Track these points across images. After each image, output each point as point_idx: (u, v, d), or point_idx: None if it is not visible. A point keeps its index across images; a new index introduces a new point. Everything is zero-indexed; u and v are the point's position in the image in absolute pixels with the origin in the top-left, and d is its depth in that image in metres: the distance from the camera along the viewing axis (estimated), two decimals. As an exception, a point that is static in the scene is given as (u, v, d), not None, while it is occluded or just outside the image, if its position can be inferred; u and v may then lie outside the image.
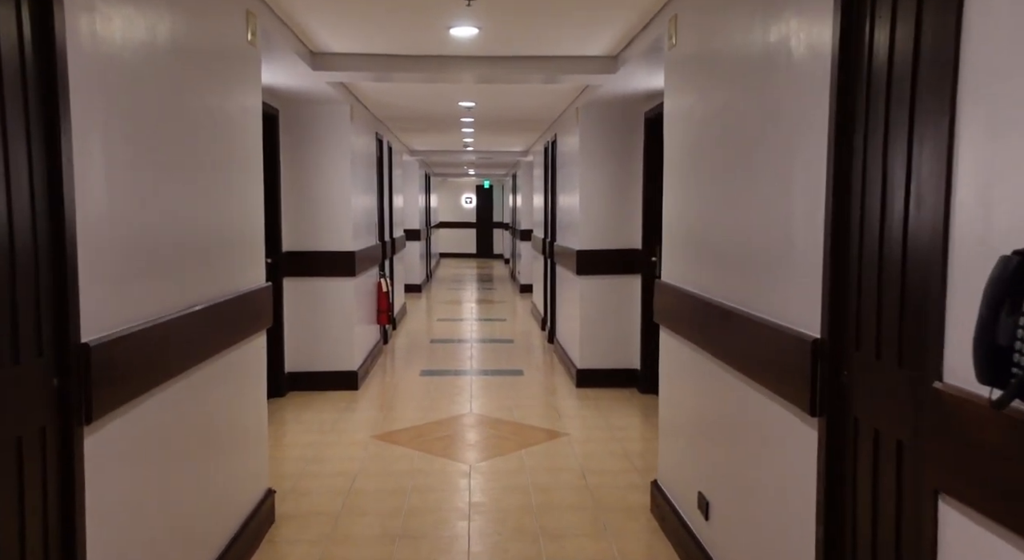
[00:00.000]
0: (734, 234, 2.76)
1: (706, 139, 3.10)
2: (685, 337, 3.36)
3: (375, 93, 6.60)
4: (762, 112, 2.50)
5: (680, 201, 3.53)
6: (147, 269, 2.36)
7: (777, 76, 2.37)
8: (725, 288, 2.86)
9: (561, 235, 7.99)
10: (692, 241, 3.31)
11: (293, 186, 6.41)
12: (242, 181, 3.35)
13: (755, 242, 2.55)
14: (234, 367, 3.21)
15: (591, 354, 6.68)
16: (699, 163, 3.19)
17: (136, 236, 2.28)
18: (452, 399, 6.28)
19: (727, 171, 2.82)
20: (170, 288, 2.52)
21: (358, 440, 5.13)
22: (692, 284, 3.30)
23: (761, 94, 2.51)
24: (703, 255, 3.14)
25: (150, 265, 2.38)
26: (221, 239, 3.05)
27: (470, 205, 25.36)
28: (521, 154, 13.25)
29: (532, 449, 4.95)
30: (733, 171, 2.76)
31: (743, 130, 2.67)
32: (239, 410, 3.30)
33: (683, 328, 3.39)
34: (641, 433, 5.31)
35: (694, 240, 3.28)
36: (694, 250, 3.27)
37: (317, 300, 6.52)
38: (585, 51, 4.97)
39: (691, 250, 3.32)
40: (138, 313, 2.28)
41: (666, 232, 3.79)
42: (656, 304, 3.82)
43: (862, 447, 1.89)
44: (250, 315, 3.38)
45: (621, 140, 6.61)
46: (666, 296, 3.66)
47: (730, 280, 2.81)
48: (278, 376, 6.31)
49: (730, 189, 2.79)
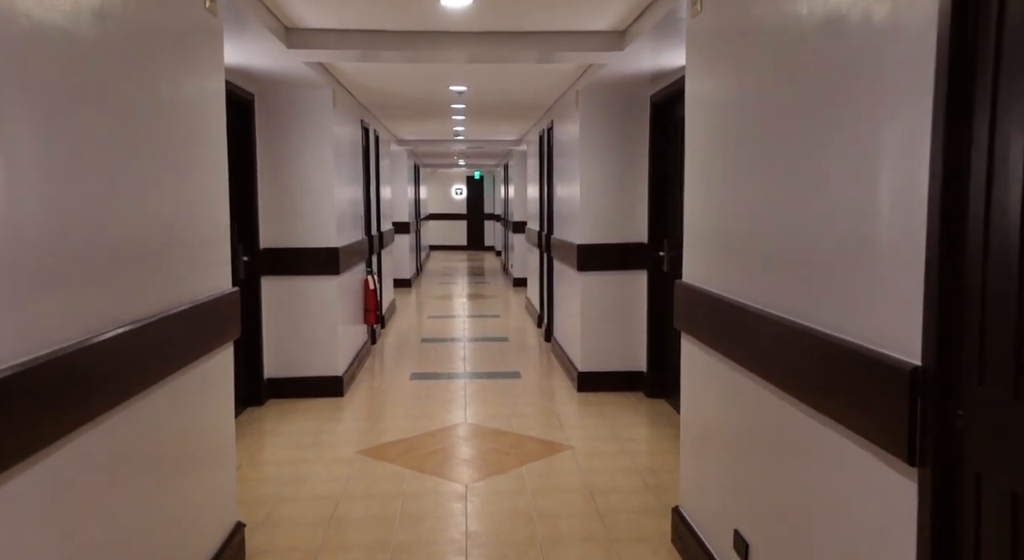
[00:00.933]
0: (783, 229, 2.30)
1: (745, 121, 2.63)
2: (715, 347, 2.90)
3: (359, 76, 6.11)
4: (825, 86, 2.04)
5: (708, 192, 3.07)
6: (64, 280, 1.88)
7: (849, 41, 1.91)
8: (769, 293, 2.41)
9: (559, 228, 7.53)
10: (724, 237, 2.85)
11: (271, 178, 5.92)
12: (201, 172, 2.87)
13: (814, 239, 2.09)
14: (192, 388, 2.74)
15: (593, 356, 6.23)
16: (735, 149, 2.73)
17: (48, 239, 1.81)
18: (445, 406, 5.82)
19: (775, 157, 2.36)
20: (98, 302, 2.05)
21: (342, 456, 4.67)
22: (723, 287, 2.84)
23: (824, 65, 2.05)
24: (739, 254, 2.68)
25: (68, 275, 1.90)
26: (171, 239, 2.57)
27: (460, 196, 24.90)
28: (514, 143, 12.76)
29: (533, 465, 4.50)
30: (784, 157, 2.30)
31: (798, 109, 2.21)
32: (199, 437, 2.83)
33: (712, 337, 2.94)
34: (652, 445, 4.87)
35: (727, 236, 2.82)
36: (727, 248, 2.81)
37: (299, 300, 6.04)
38: (589, 25, 4.49)
39: (722, 248, 2.87)
40: (49, 337, 1.81)
41: (689, 227, 3.33)
42: (677, 308, 3.36)
43: (989, 515, 1.44)
44: (211, 327, 2.91)
45: (625, 126, 6.14)
46: (689, 300, 3.20)
47: (776, 283, 2.36)
48: (256, 383, 5.83)
49: (779, 177, 2.33)
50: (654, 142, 5.87)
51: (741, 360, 2.64)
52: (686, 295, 3.25)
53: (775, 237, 2.35)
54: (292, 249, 5.98)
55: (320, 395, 6.06)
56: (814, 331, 2.05)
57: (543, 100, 7.59)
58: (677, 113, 5.51)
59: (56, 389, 1.79)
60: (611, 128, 6.15)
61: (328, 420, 5.45)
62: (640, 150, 6.09)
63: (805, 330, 2.11)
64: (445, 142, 12.69)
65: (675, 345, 5.64)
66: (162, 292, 2.47)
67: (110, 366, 2.07)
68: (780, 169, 2.32)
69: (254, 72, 5.19)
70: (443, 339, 8.74)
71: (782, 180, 2.30)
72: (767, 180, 2.42)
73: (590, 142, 6.17)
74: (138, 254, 2.30)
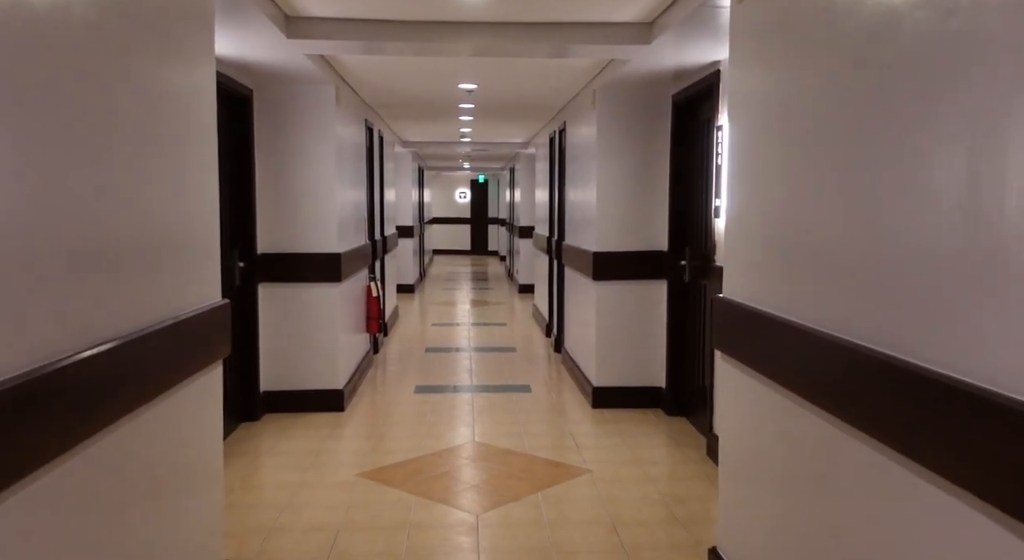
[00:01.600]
0: (870, 242, 1.96)
1: (816, 118, 2.29)
2: (764, 372, 2.56)
3: (364, 71, 5.78)
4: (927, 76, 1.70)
5: (757, 198, 2.73)
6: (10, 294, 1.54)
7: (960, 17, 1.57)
8: (843, 315, 2.07)
9: (572, 234, 7.19)
10: (781, 249, 2.51)
11: (270, 179, 5.58)
12: (187, 170, 2.54)
13: (917, 254, 1.75)
14: (173, 416, 2.40)
15: (609, 370, 5.88)
16: (802, 149, 2.39)
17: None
18: (451, 423, 5.47)
19: (860, 159, 2.02)
20: (53, 320, 1.71)
21: (343, 479, 4.32)
22: (778, 305, 2.50)
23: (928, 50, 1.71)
24: (803, 268, 2.34)
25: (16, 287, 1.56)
26: (148, 245, 2.24)
27: (464, 200, 24.58)
28: (521, 146, 12.43)
29: (549, 492, 4.15)
30: (873, 158, 1.95)
31: (894, 102, 1.87)
32: (180, 471, 2.49)
33: (761, 361, 2.60)
34: (676, 469, 4.52)
35: (785, 248, 2.48)
36: (785, 261, 2.47)
37: (298, 309, 5.70)
38: (613, 16, 4.16)
39: (780, 261, 2.52)
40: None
41: (730, 236, 2.99)
42: (718, 327, 3.02)
43: None
44: (196, 344, 2.57)
45: (644, 127, 5.80)
46: (732, 318, 2.86)
47: (856, 305, 2.01)
48: (252, 397, 5.49)
49: (862, 182, 1.98)
50: (675, 144, 5.53)
51: (799, 389, 2.30)
52: (728, 313, 2.91)
53: (859, 250, 2.01)
54: (291, 254, 5.65)
55: (320, 409, 5.72)
56: (910, 365, 1.71)
57: (556, 100, 7.26)
58: (702, 114, 5.18)
59: (7, 424, 1.45)
60: (630, 129, 5.81)
61: (328, 438, 5.11)
62: (660, 153, 5.75)
63: (892, 362, 1.77)
64: (451, 144, 12.37)
65: (696, 360, 5.30)
66: (137, 307, 2.13)
67: (70, 397, 1.73)
68: (866, 171, 1.97)
69: (252, 65, 4.86)
70: (448, 348, 8.40)
71: (866, 184, 1.96)
72: (846, 185, 2.07)
73: (608, 144, 5.83)
74: (107, 262, 1.96)
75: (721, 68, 4.56)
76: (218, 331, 2.80)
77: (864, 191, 1.97)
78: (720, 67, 4.57)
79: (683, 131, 5.49)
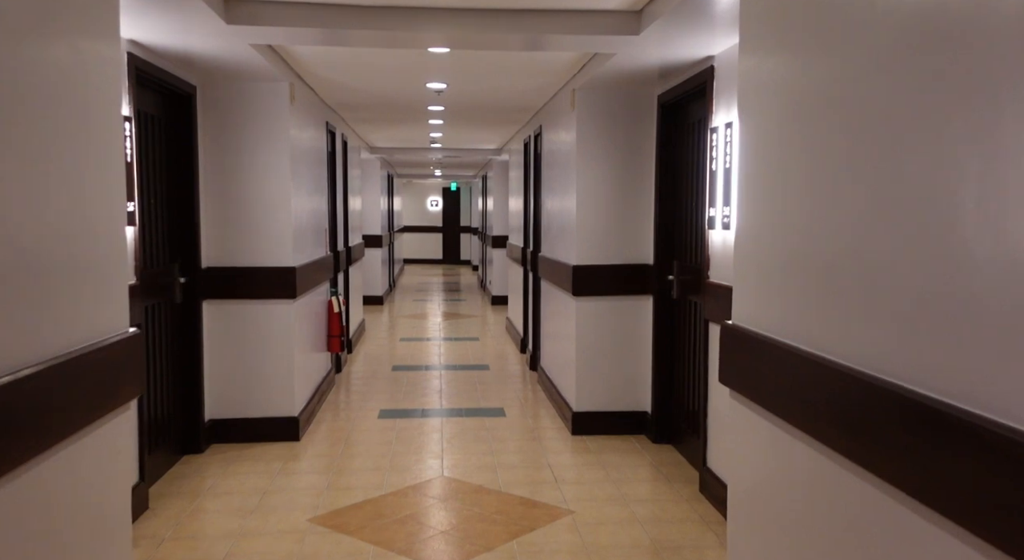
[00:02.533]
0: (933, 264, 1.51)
1: (853, 108, 1.84)
2: (785, 417, 2.11)
3: (322, 67, 5.28)
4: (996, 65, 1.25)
5: (775, 209, 2.28)
6: None
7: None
8: (899, 355, 1.61)
9: (548, 245, 6.72)
10: (809, 270, 2.06)
11: (216, 186, 5.06)
12: (81, 170, 2.04)
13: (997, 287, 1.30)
14: (63, 477, 1.88)
15: (590, 394, 5.42)
16: (834, 149, 1.94)
17: None
18: (418, 454, 4.97)
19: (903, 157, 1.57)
20: None
21: (293, 526, 3.81)
22: (809, 339, 2.04)
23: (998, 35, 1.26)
24: (841, 295, 1.89)
25: None
26: (21, 267, 1.73)
27: (436, 208, 24.08)
28: (494, 152, 11.97)
29: (527, 538, 3.67)
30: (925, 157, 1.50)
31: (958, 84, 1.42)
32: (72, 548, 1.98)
33: (780, 404, 2.14)
34: (667, 509, 4.05)
35: (814, 269, 2.03)
36: (819, 286, 2.01)
37: (247, 328, 5.17)
38: (598, 4, 3.71)
39: (806, 283, 2.07)
40: None
41: (742, 253, 2.53)
42: (726, 359, 2.57)
43: None
44: (94, 386, 2.06)
45: (628, 130, 5.36)
46: (745, 350, 2.41)
47: (916, 343, 1.56)
48: (194, 427, 4.95)
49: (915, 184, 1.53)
50: (662, 149, 5.10)
51: (835, 443, 1.85)
52: (739, 344, 2.45)
53: (919, 278, 1.56)
54: (240, 269, 5.12)
55: (272, 439, 5.19)
56: (973, 417, 1.27)
57: (531, 101, 6.81)
58: (693, 115, 4.75)
59: None
60: (612, 132, 5.37)
61: (279, 473, 4.59)
62: (646, 158, 5.32)
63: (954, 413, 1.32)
64: (421, 150, 11.88)
65: (686, 383, 4.85)
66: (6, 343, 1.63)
67: None
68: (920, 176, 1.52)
69: (194, 57, 4.34)
70: (417, 366, 7.89)
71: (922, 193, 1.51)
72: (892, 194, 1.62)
73: (588, 148, 5.39)
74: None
75: (716, 64, 4.12)
76: (127, 368, 2.29)
77: (920, 200, 1.51)
78: (715, 63, 4.14)
79: (670, 134, 5.06)
